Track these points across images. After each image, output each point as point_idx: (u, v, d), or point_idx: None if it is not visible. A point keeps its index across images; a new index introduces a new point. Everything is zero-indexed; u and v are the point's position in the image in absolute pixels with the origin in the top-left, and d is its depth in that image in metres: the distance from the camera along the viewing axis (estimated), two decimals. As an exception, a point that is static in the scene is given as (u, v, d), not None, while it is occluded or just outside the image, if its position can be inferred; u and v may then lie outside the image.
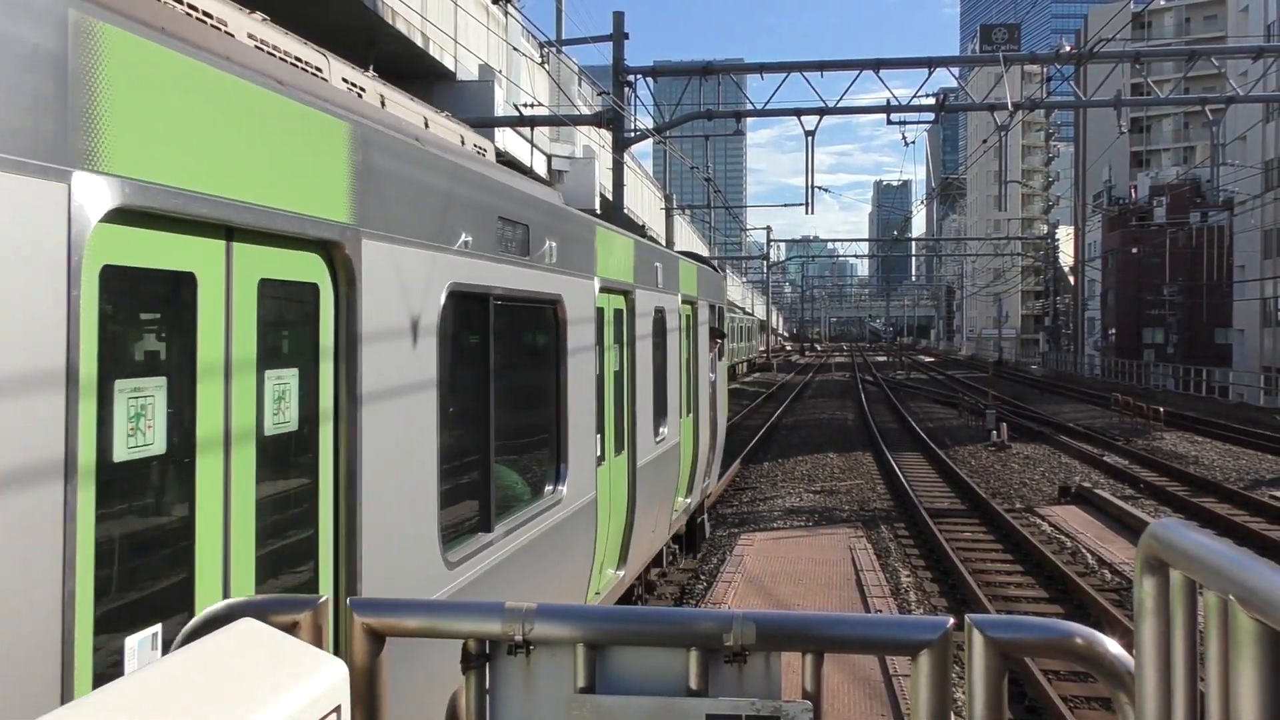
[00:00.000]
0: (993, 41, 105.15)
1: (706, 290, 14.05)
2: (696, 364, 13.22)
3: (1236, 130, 55.66)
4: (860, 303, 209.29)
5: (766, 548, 15.64)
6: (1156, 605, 1.91)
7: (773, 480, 23.06)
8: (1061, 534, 17.05)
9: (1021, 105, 27.94)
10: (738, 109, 28.32)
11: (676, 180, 75.36)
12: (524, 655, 2.29)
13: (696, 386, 13.30)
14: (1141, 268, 73.22)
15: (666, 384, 11.10)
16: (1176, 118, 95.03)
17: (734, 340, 64.94)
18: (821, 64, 26.50)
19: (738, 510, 19.41)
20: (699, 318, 13.24)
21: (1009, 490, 21.65)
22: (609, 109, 27.88)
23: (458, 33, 24.27)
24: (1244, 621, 1.58)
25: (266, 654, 1.97)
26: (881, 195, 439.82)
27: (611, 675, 2.28)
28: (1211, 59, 28.80)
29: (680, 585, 13.89)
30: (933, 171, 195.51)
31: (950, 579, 14.13)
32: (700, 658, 2.23)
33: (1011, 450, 28.03)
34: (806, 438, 31.83)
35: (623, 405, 9.42)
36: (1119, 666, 2.07)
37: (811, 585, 13.23)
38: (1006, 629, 2.14)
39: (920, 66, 26.87)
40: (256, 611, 2.18)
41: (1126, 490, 21.29)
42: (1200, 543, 1.77)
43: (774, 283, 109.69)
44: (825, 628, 2.24)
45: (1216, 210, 70.19)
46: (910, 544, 16.45)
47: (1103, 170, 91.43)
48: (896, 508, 19.50)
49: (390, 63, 23.39)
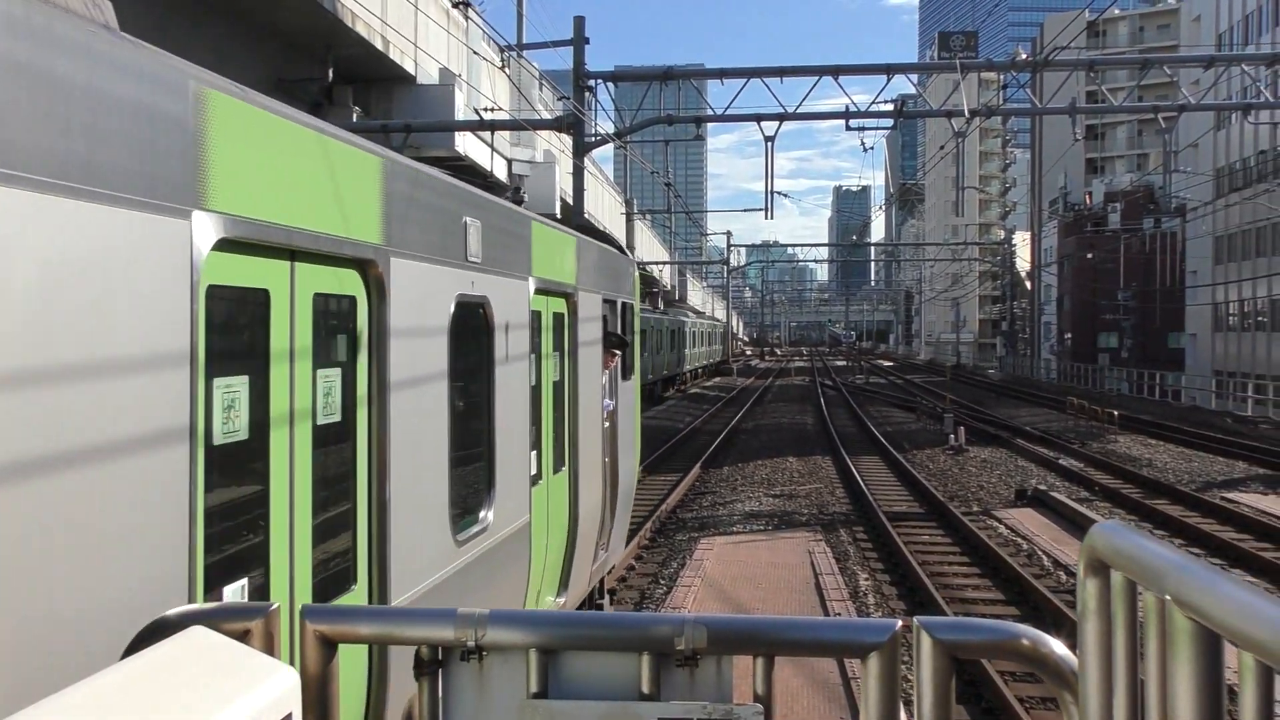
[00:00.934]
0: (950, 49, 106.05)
1: (598, 277, 9.88)
2: (575, 389, 8.92)
3: (1189, 138, 56.51)
4: (820, 307, 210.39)
5: (726, 552, 15.68)
6: (1099, 606, 1.94)
7: (732, 485, 23.13)
8: (1018, 536, 17.22)
9: (978, 112, 28.21)
10: (698, 114, 28.38)
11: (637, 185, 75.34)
12: (477, 661, 2.30)
13: (575, 425, 8.94)
14: (1096, 273, 74.11)
15: (496, 425, 6.71)
16: (1130, 125, 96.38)
17: (696, 345, 65.05)
18: (781, 70, 26.65)
19: (697, 515, 19.46)
20: (581, 315, 9.05)
21: (966, 493, 21.84)
22: (569, 114, 27.89)
23: (418, 36, 24.18)
24: (1180, 621, 1.61)
25: (216, 662, 1.96)
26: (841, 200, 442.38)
27: (564, 680, 2.30)
28: (1164, 67, 29.23)
29: (640, 590, 13.90)
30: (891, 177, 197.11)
31: (908, 582, 14.24)
32: (652, 662, 2.24)
33: (969, 454, 28.28)
34: (766, 442, 31.95)
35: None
36: (1063, 666, 2.10)
37: (771, 589, 13.29)
38: (954, 630, 2.17)
39: (879, 73, 27.07)
40: (207, 619, 2.17)
41: (1081, 493, 21.54)
42: (1140, 545, 1.81)
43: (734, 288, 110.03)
44: (776, 631, 2.27)
45: (1169, 216, 71.25)
46: (869, 547, 16.56)
47: (1058, 176, 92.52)
48: (855, 511, 19.62)
49: (350, 66, 23.27)
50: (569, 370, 8.79)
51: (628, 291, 11.87)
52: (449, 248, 5.74)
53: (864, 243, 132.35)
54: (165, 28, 17.37)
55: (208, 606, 2.25)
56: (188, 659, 1.94)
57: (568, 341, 8.75)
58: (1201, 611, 1.55)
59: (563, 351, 8.65)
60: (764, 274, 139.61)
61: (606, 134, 29.34)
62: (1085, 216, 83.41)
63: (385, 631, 2.41)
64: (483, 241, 6.27)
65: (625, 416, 11.53)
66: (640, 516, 18.86)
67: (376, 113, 25.01)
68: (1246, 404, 44.08)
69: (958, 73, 27.25)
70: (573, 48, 27.71)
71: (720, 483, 23.52)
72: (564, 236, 8.60)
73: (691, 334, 62.77)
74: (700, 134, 29.63)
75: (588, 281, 9.33)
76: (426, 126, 24.80)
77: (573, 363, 8.87)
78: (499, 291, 6.59)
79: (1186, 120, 43.94)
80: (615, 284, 11.03)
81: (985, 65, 31.69)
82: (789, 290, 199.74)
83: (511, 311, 6.83)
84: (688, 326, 60.68)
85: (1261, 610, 1.42)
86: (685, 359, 59.47)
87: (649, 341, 45.97)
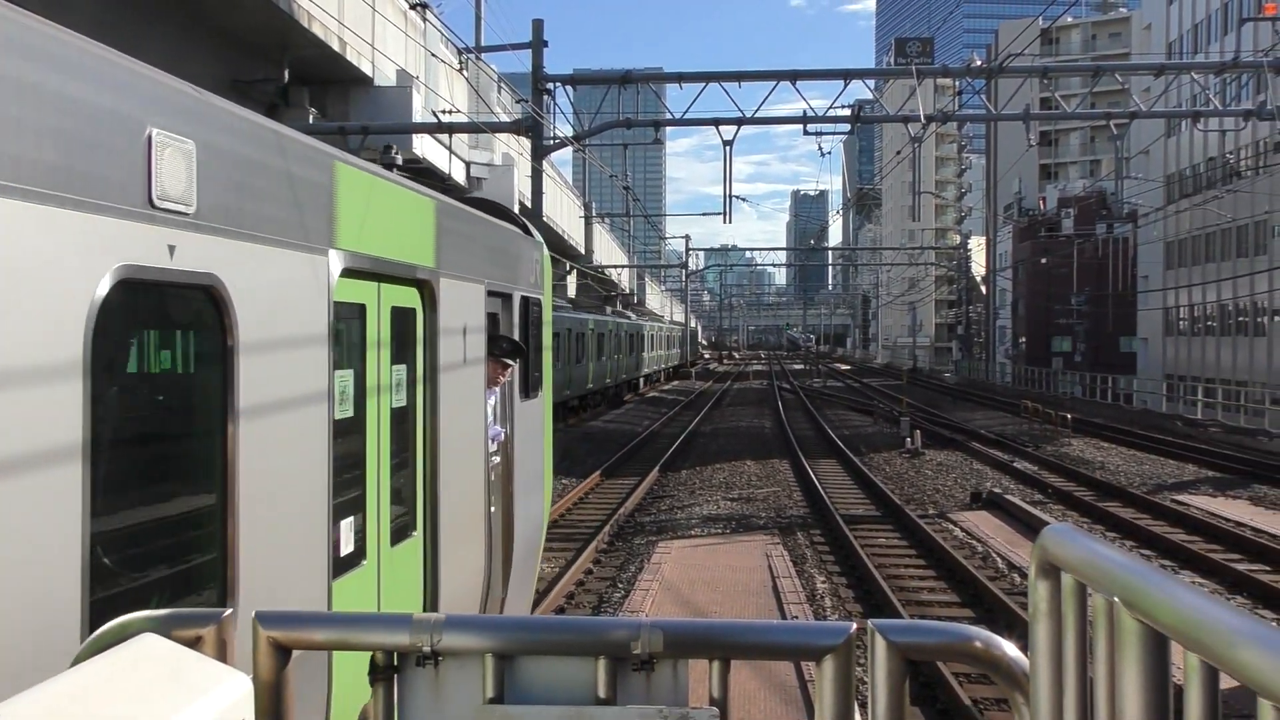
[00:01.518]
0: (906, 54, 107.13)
1: (479, 261, 7.39)
2: (432, 416, 6.28)
3: (1140, 144, 57.37)
4: (778, 311, 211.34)
5: (684, 555, 15.71)
6: (1049, 608, 1.97)
7: (690, 488, 23.18)
8: (973, 539, 17.39)
9: (934, 117, 28.47)
10: (656, 118, 28.42)
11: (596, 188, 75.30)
12: (432, 667, 2.29)
13: (433, 468, 6.24)
14: (1050, 277, 74.99)
15: (238, 488, 4.10)
16: (1083, 131, 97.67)
17: (655, 349, 65.13)
18: (739, 74, 26.76)
19: (655, 519, 19.47)
20: (446, 311, 6.43)
21: (923, 496, 22.01)
22: (528, 117, 27.84)
23: (375, 38, 24.04)
24: (1128, 623, 1.64)
25: (167, 670, 1.94)
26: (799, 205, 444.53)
27: (520, 685, 2.29)
28: (1116, 75, 29.63)
29: (598, 594, 13.90)
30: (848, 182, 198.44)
31: (865, 585, 14.33)
32: (608, 666, 2.24)
33: (925, 457, 28.51)
34: (724, 446, 32.04)
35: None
36: (1015, 668, 2.12)
37: (728, 592, 13.33)
38: (908, 633, 2.19)
39: (836, 78, 27.24)
40: (157, 626, 2.15)
41: (1035, 495, 21.78)
42: (1089, 548, 1.83)
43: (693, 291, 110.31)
44: (732, 634, 2.28)
45: (1121, 222, 72.19)
46: (826, 550, 16.64)
47: (1013, 182, 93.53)
48: (813, 514, 19.72)
49: (306, 67, 23.10)
50: (424, 391, 6.16)
51: (531, 283, 9.17)
52: None
53: (822, 247, 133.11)
54: (118, 27, 17.16)
55: (158, 613, 2.22)
56: (138, 667, 1.92)
57: (422, 350, 6.14)
58: (1149, 614, 1.58)
59: (412, 364, 6.04)
60: (722, 278, 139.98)
61: (565, 137, 29.33)
62: (1039, 222, 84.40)
63: (340, 637, 2.39)
64: (198, 175, 3.84)
65: (528, 445, 8.95)
66: (598, 520, 18.85)
67: (333, 114, 24.83)
68: (1196, 407, 44.78)
69: (914, 78, 27.48)
70: (531, 51, 27.68)
71: (678, 486, 23.55)
72: (412, 196, 6.12)
73: (650, 337, 62.84)
74: (659, 138, 29.71)
75: (460, 265, 6.80)
76: (384, 129, 24.67)
77: (430, 380, 6.20)
78: (249, 268, 4.22)
79: (1138, 127, 44.59)
80: (510, 271, 8.37)
81: (941, 71, 31.99)
82: (747, 294, 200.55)
83: (283, 301, 4.42)
84: (646, 330, 60.75)
85: (1207, 613, 1.44)
86: (644, 362, 59.53)
87: (607, 345, 45.99)
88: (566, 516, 19.74)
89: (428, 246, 6.22)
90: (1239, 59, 28.81)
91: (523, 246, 9.03)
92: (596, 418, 42.08)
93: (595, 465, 26.04)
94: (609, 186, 58.97)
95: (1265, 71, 25.79)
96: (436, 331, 6.30)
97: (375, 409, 5.48)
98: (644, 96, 28.96)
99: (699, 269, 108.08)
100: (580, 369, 38.68)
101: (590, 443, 31.94)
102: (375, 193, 5.55)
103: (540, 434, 9.66)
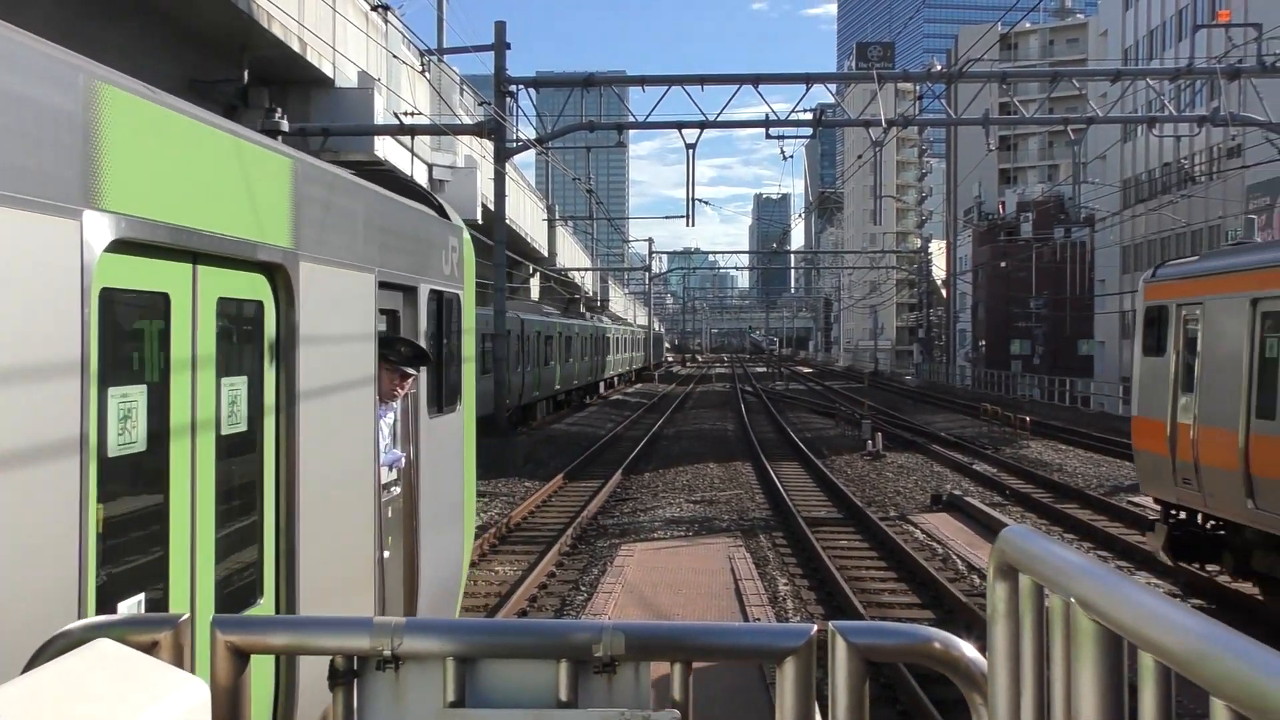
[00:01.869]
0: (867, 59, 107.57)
1: (367, 244, 6.00)
2: (290, 441, 4.90)
3: (1097, 149, 58.11)
4: (741, 314, 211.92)
5: (647, 558, 15.71)
6: (1008, 609, 1.99)
7: (654, 491, 23.18)
8: (934, 541, 17.50)
9: (895, 122, 28.70)
10: (619, 121, 28.44)
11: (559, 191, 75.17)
12: (393, 670, 2.27)
13: (289, 509, 4.92)
14: (1010, 281, 75.66)
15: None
16: (1041, 136, 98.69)
17: (618, 351, 65.11)
18: (702, 78, 26.84)
19: (619, 521, 19.46)
20: (310, 308, 5.05)
21: (884, 498, 22.14)
22: (490, 119, 27.77)
23: (336, 39, 23.89)
24: (1084, 623, 1.66)
25: (123, 675, 1.91)
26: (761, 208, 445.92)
27: (482, 689, 2.28)
28: (1074, 81, 29.98)
29: (561, 597, 13.87)
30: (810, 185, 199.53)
31: (827, 587, 14.38)
32: (570, 669, 2.24)
33: (886, 459, 28.68)
34: (687, 448, 32.08)
35: None
36: (973, 669, 2.14)
37: (691, 595, 13.34)
38: (868, 634, 2.20)
39: (798, 82, 27.40)
40: (114, 631, 2.12)
41: (995, 497, 21.96)
42: (1046, 549, 1.85)
43: (656, 294, 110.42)
44: (693, 637, 2.28)
45: (1079, 226, 72.99)
46: (788, 552, 16.69)
47: (973, 186, 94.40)
48: (775, 517, 19.77)
49: (266, 67, 22.91)
50: (276, 411, 4.84)
51: (447, 274, 7.77)
52: None
53: (784, 250, 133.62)
54: (73, 25, 16.94)
55: (114, 618, 2.20)
56: (94, 672, 1.90)
57: (271, 357, 4.84)
58: (1104, 614, 1.60)
59: (256, 375, 4.75)
60: (685, 281, 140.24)
61: (528, 140, 29.28)
62: (999, 226, 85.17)
63: (299, 641, 2.37)
64: None
65: (441, 470, 7.56)
66: (561, 524, 18.81)
67: (294, 116, 24.63)
68: (1152, 409, 45.21)
69: (875, 83, 27.67)
70: (494, 53, 27.62)
71: (642, 489, 23.55)
72: (254, 150, 4.66)
73: (614, 340, 62.82)
74: (622, 141, 29.75)
75: (335, 247, 5.48)
76: (345, 130, 24.53)
77: (283, 396, 4.87)
78: None
79: (1094, 132, 45.14)
80: (416, 259, 7.04)
81: (902, 76, 32.25)
82: (710, 297, 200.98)
83: None
84: (609, 333, 60.73)
85: (1162, 614, 1.47)
86: (607, 365, 59.51)
87: (572, 348, 45.93)
88: (529, 520, 19.68)
89: (281, 219, 4.81)
90: (1193, 65, 29.24)
91: (434, 230, 7.54)
92: (559, 420, 42.03)
93: (558, 468, 25.99)
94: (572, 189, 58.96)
95: (1219, 78, 26.18)
96: (295, 332, 4.90)
97: (187, 439, 4.05)
98: (607, 99, 28.99)
99: (662, 272, 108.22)
100: (542, 372, 38.59)
101: (553, 445, 31.89)
102: (180, 135, 4.00)
103: (458, 455, 8.14)
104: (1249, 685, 1.25)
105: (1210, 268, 12.96)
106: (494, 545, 17.21)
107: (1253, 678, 1.25)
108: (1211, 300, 12.37)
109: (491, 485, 22.99)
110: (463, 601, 8.43)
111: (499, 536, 17.72)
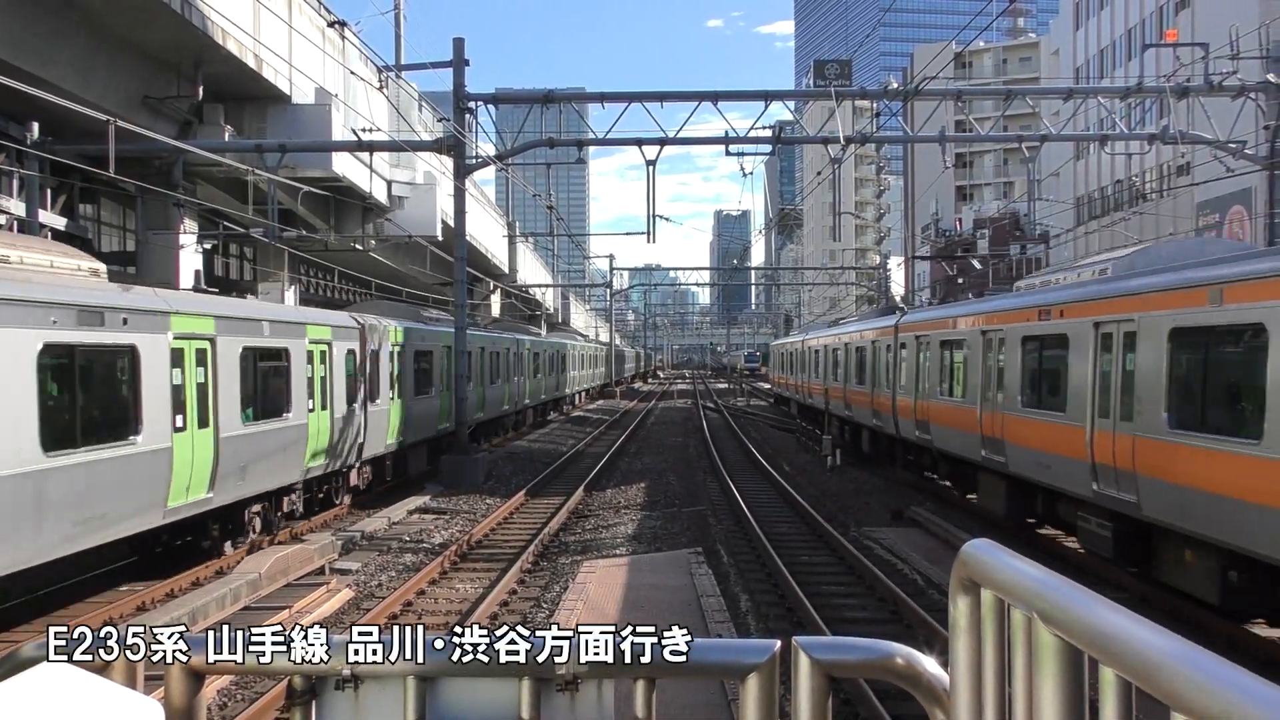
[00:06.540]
0: (825, 76, 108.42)
1: None
2: None
3: (1050, 167, 58.83)
4: (702, 331, 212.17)
5: (609, 574, 15.66)
6: (969, 624, 1.98)
7: (615, 507, 23.14)
8: (894, 556, 17.58)
9: (853, 139, 28.90)
10: (579, 137, 28.44)
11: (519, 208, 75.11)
12: (353, 690, 2.24)
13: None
14: (967, 297, 76.26)
15: None
16: (997, 154, 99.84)
17: (580, 368, 64.98)
18: (662, 95, 26.90)
19: (580, 538, 19.40)
20: None
21: (845, 514, 22.21)
22: (450, 136, 27.71)
23: (293, 55, 23.74)
24: (1046, 638, 1.66)
25: (72, 699, 1.87)
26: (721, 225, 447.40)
27: (443, 707, 2.25)
28: (1027, 99, 30.36)
29: (522, 614, 13.79)
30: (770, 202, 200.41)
31: (788, 602, 14.41)
32: (533, 687, 2.21)
33: (847, 475, 28.79)
34: (649, 464, 32.06)
35: None
36: (935, 684, 2.14)
37: (653, 611, 13.30)
38: (831, 650, 2.19)
39: (757, 99, 27.54)
40: (64, 652, 2.08)
41: (954, 513, 22.09)
42: (1007, 564, 1.86)
43: (617, 310, 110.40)
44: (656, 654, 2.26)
45: (1034, 243, 73.80)
46: (750, 568, 16.71)
47: (930, 203, 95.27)
48: (737, 533, 19.79)
49: (221, 84, 22.73)
50: None
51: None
52: None
53: (745, 266, 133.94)
54: (21, 43, 16.73)
55: (62, 640, 2.15)
56: (40, 697, 1.85)
57: None
58: (1066, 628, 1.60)
59: None
60: (647, 297, 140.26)
61: (488, 156, 29.23)
62: (956, 242, 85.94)
63: (256, 661, 2.33)
64: None
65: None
66: (522, 541, 18.73)
67: (250, 132, 24.48)
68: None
69: (833, 100, 27.89)
70: (453, 69, 27.57)
71: (604, 506, 23.50)
72: None
73: (575, 357, 62.69)
74: (582, 157, 29.74)
75: None
76: (302, 146, 24.37)
77: None
78: None
79: (1048, 150, 45.71)
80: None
81: (859, 93, 32.54)
82: (672, 313, 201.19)
83: None
84: (570, 349, 60.59)
85: (1122, 628, 1.47)
86: (568, 382, 59.35)
87: (530, 364, 45.74)
88: (490, 537, 19.58)
89: None
90: (1143, 84, 29.70)
91: None
92: (521, 437, 41.87)
93: (519, 485, 25.88)
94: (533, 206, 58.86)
95: (1168, 96, 26.60)
96: None
97: None
98: (567, 116, 28.99)
99: (624, 288, 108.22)
100: (497, 389, 38.37)
101: (514, 463, 31.75)
102: None
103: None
104: (1208, 699, 1.25)
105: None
106: (454, 563, 17.10)
107: (1212, 691, 1.25)
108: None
109: (452, 502, 22.83)
110: (424, 620, 8.87)
111: (460, 554, 17.60)
